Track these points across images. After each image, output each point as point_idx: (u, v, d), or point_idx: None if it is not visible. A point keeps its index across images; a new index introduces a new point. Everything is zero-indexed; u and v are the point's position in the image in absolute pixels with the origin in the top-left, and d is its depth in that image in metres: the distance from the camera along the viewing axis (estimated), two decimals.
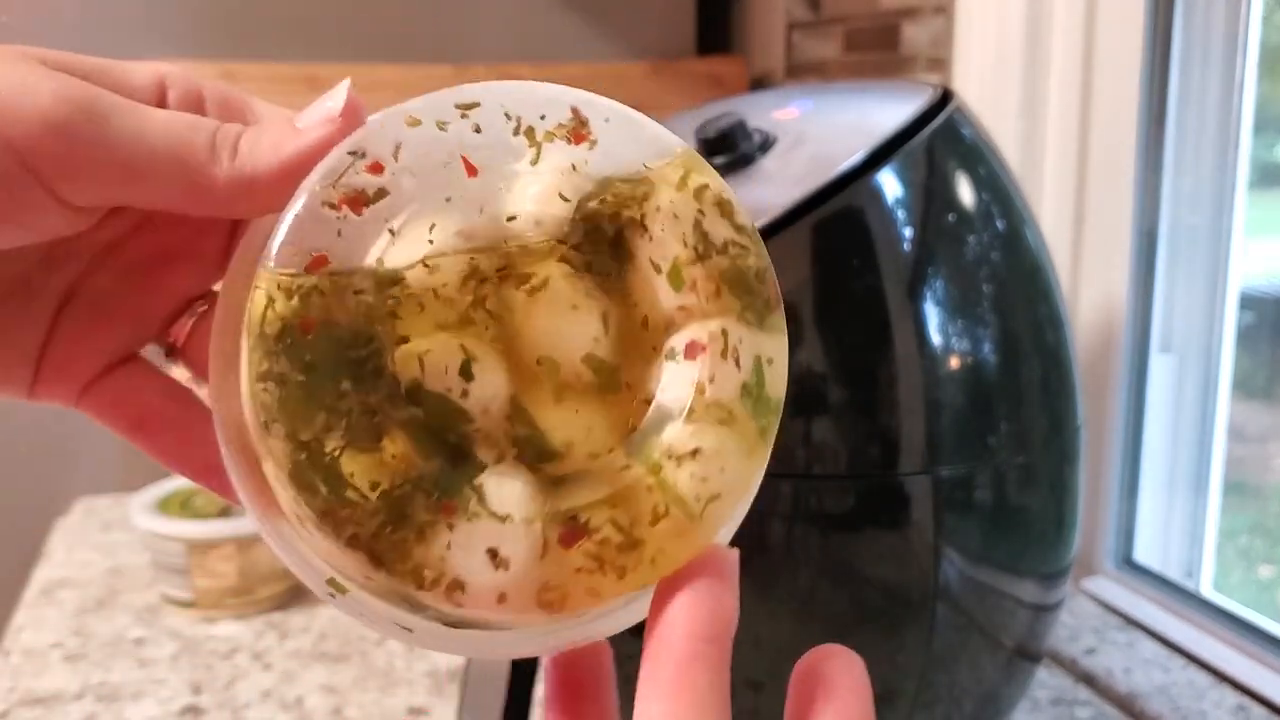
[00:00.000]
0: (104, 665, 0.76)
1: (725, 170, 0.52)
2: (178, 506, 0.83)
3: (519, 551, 0.23)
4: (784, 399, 0.25)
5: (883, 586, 0.51)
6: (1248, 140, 0.73)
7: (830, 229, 0.49)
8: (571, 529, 0.23)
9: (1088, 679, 0.71)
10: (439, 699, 0.71)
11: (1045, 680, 0.71)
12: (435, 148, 0.24)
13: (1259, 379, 0.77)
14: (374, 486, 0.22)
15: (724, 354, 0.24)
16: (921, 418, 0.49)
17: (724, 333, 0.24)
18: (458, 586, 0.23)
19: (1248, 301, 0.75)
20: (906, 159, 0.50)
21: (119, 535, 0.99)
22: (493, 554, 0.23)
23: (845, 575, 0.51)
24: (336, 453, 0.22)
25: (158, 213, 0.28)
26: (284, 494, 0.23)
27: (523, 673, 0.55)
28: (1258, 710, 0.66)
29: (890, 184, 0.50)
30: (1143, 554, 0.82)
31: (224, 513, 0.82)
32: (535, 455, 0.24)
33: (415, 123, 0.24)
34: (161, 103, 0.26)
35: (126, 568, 0.92)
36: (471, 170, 0.24)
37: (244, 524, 0.80)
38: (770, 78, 1.24)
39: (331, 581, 0.24)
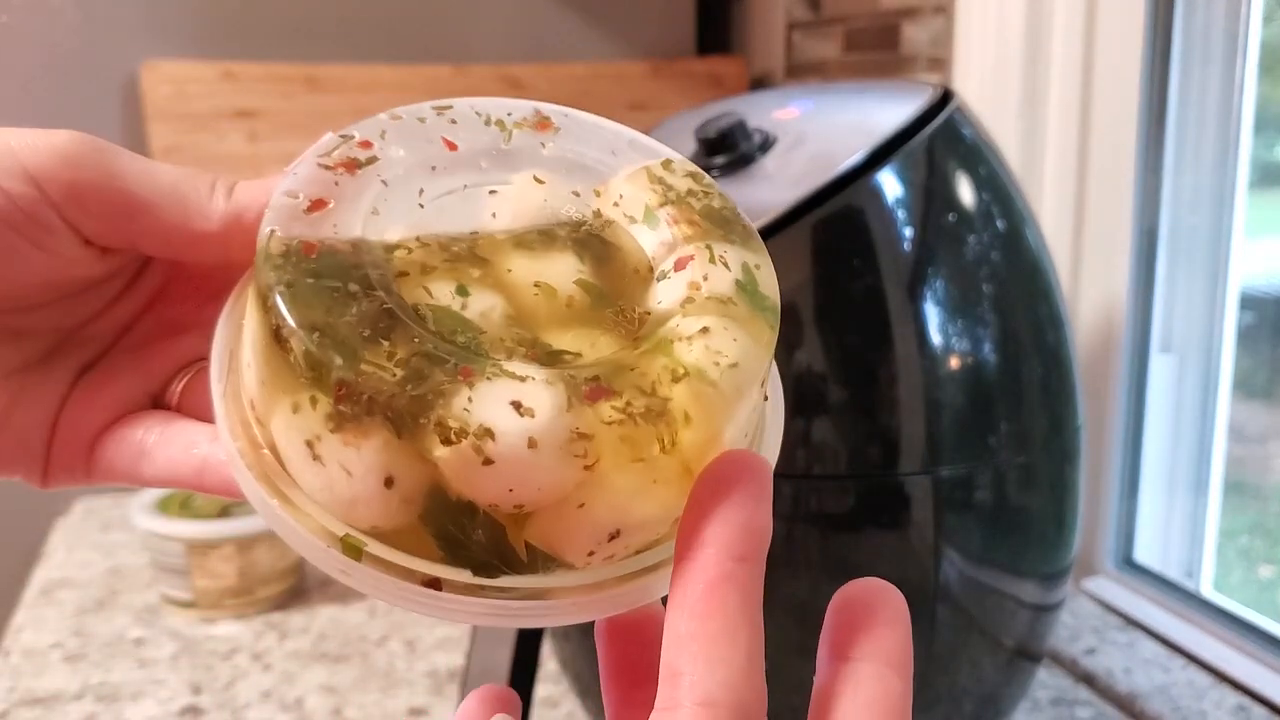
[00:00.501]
0: (104, 665, 0.76)
1: (725, 170, 0.52)
2: (177, 507, 0.83)
3: (543, 402, 0.22)
4: (778, 305, 0.25)
5: None
6: (1248, 140, 0.73)
7: (830, 229, 0.49)
8: (594, 387, 0.23)
9: (1088, 679, 0.71)
10: (439, 699, 0.71)
11: (1045, 680, 0.71)
12: (417, 132, 0.27)
13: (1259, 379, 0.77)
14: (390, 356, 0.22)
15: (712, 260, 0.25)
16: (921, 418, 0.49)
17: (709, 246, 0.26)
18: (486, 434, 0.22)
19: (1248, 301, 0.75)
20: (906, 159, 0.50)
21: (119, 535, 0.99)
22: (516, 405, 0.22)
23: (845, 575, 0.51)
24: (350, 330, 0.22)
25: (169, 286, 0.30)
26: (297, 417, 0.23)
27: (523, 673, 0.55)
28: (1258, 710, 0.66)
29: (890, 184, 0.50)
30: (1143, 554, 0.82)
31: (224, 513, 0.82)
32: (545, 359, 0.24)
33: (397, 118, 0.27)
34: None
35: (126, 568, 0.92)
36: (452, 146, 0.27)
37: (244, 524, 0.80)
38: (770, 78, 1.24)
39: (346, 542, 0.24)
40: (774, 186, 0.50)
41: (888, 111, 0.52)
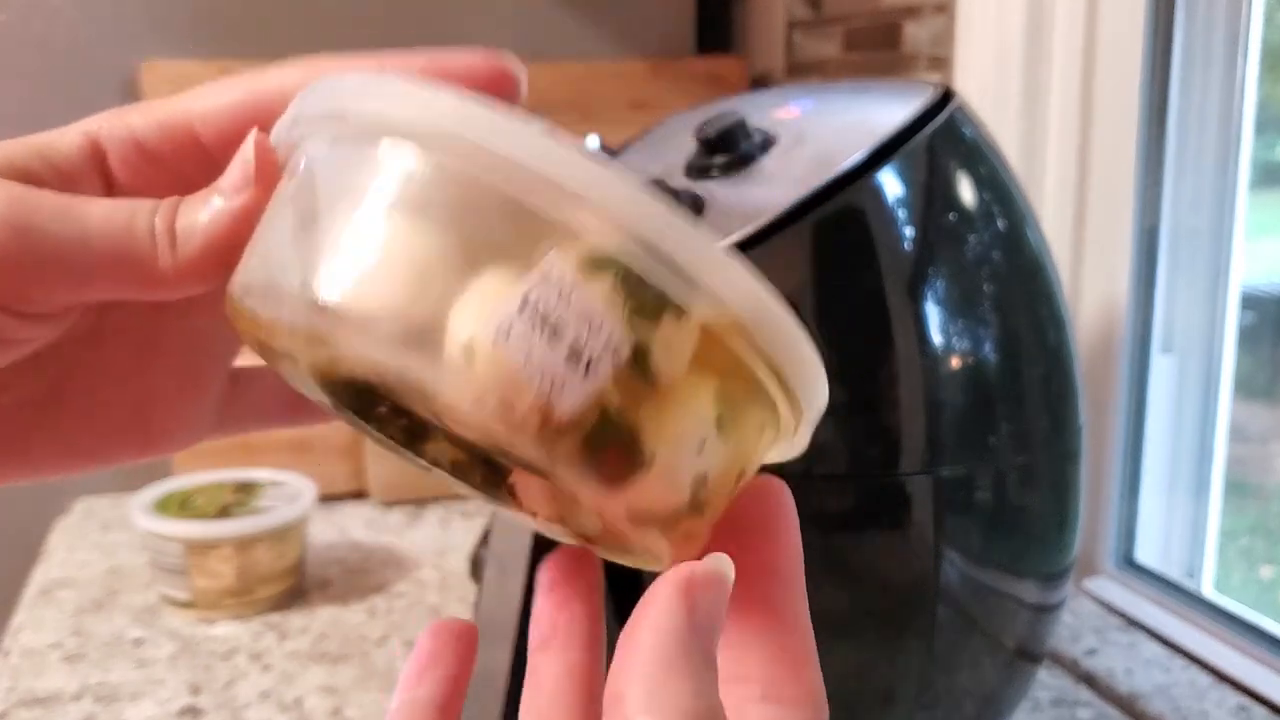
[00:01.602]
0: (103, 665, 0.75)
1: (725, 170, 0.52)
2: (176, 507, 0.83)
3: None
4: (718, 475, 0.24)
5: (883, 587, 0.51)
6: (1249, 140, 0.73)
7: (831, 229, 0.49)
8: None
9: (1089, 679, 0.71)
10: None
11: (1046, 681, 0.71)
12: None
13: (1260, 379, 0.77)
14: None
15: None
16: (922, 418, 0.49)
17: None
18: None
19: (1249, 301, 0.75)
20: (907, 158, 0.50)
21: (118, 535, 0.98)
22: None
23: (845, 576, 0.51)
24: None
25: None
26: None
27: (523, 673, 0.55)
28: (1259, 711, 0.66)
29: (891, 183, 0.50)
30: (1144, 554, 0.82)
31: (222, 513, 0.82)
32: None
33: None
34: (100, 161, 0.26)
35: (125, 568, 0.91)
36: None
37: (243, 524, 0.80)
38: (770, 77, 1.23)
39: None
40: (774, 186, 0.50)
41: (888, 111, 0.52)
